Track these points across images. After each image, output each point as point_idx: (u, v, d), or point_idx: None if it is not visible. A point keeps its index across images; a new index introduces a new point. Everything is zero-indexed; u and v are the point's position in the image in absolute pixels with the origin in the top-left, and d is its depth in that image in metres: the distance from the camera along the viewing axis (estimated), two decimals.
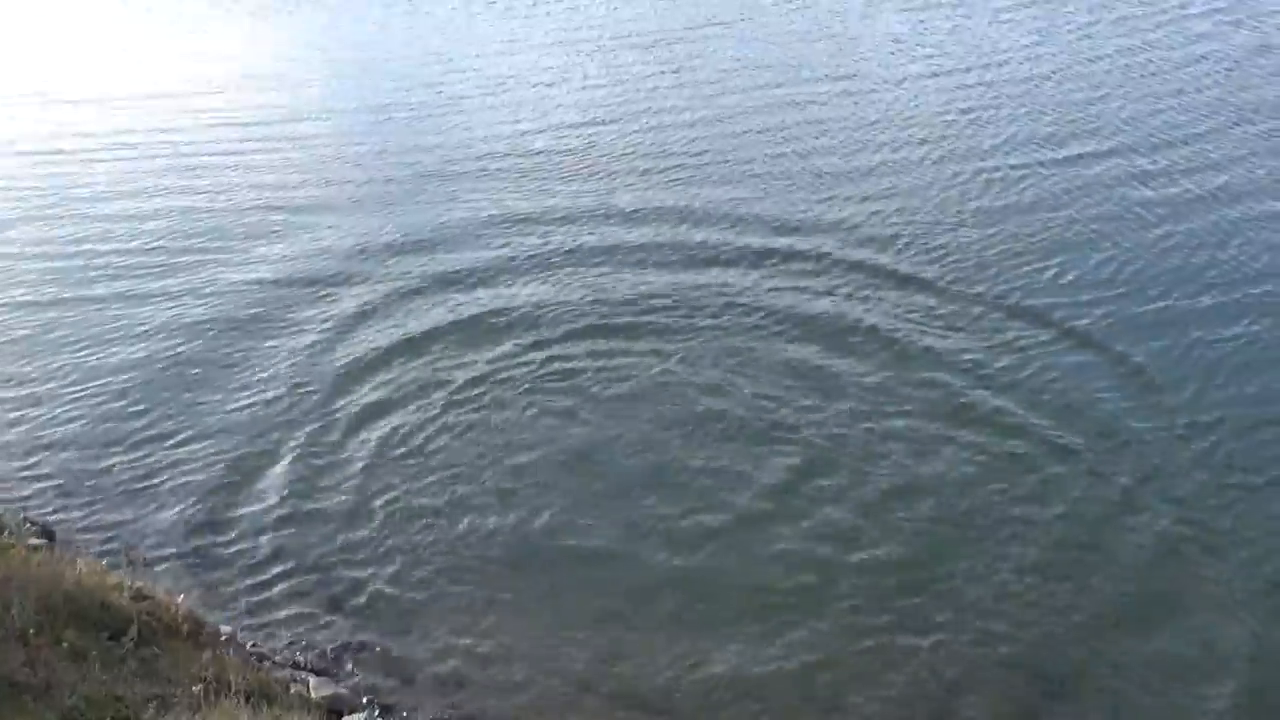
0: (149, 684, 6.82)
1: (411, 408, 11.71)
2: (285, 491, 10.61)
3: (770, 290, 13.61)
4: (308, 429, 11.54)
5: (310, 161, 20.27)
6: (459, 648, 8.68)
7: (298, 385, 12.38)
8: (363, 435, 11.34)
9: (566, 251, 15.18)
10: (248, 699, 6.58)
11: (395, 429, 11.37)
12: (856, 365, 11.90)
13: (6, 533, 8.56)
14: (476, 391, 11.95)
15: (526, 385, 11.99)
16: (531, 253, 15.22)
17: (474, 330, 13.24)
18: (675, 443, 10.90)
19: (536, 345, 12.71)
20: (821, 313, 12.97)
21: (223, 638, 8.48)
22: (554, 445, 11.00)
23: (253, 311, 14.28)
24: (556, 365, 12.34)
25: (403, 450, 11.06)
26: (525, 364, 12.39)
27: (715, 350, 12.39)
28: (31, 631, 6.94)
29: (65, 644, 7.01)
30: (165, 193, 19.09)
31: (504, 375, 12.21)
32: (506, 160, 19.10)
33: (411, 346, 12.99)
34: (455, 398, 11.83)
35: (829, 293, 13.45)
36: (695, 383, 11.83)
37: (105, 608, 7.71)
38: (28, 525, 8.57)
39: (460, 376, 12.21)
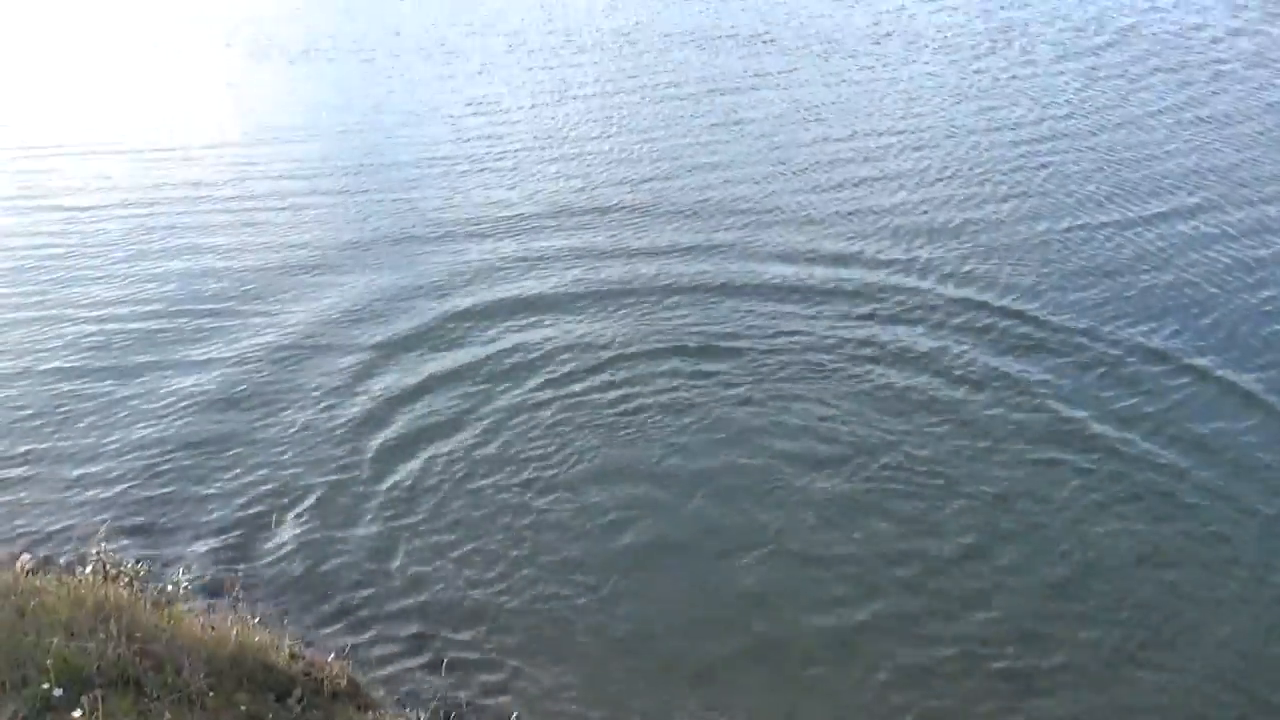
0: None
1: (498, 453, 11.58)
2: (385, 545, 10.39)
3: (875, 337, 13.69)
4: (386, 481, 11.29)
5: (346, 208, 19.77)
6: (564, 698, 8.57)
7: (363, 434, 12.10)
8: (439, 480, 11.20)
9: (641, 289, 15.34)
10: None
11: (477, 481, 11.17)
12: (972, 404, 12.09)
13: (158, 589, 8.44)
14: (561, 430, 11.90)
15: (608, 426, 11.99)
16: (598, 290, 15.37)
17: (561, 361, 13.31)
18: (764, 480, 10.92)
19: (620, 381, 12.80)
20: (938, 356, 13.13)
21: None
22: (647, 487, 10.99)
23: (311, 342, 14.12)
24: (636, 400, 12.42)
25: (487, 493, 10.95)
26: (607, 401, 12.43)
27: (812, 389, 12.48)
28: (210, 694, 6.84)
29: (242, 707, 6.92)
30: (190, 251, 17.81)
31: (588, 414, 12.18)
32: (568, 207, 19.00)
33: (497, 383, 12.92)
34: (542, 443, 11.70)
35: (941, 336, 13.63)
36: (786, 421, 11.89)
37: (268, 669, 7.61)
38: (185, 585, 8.39)
39: (547, 415, 12.17)
